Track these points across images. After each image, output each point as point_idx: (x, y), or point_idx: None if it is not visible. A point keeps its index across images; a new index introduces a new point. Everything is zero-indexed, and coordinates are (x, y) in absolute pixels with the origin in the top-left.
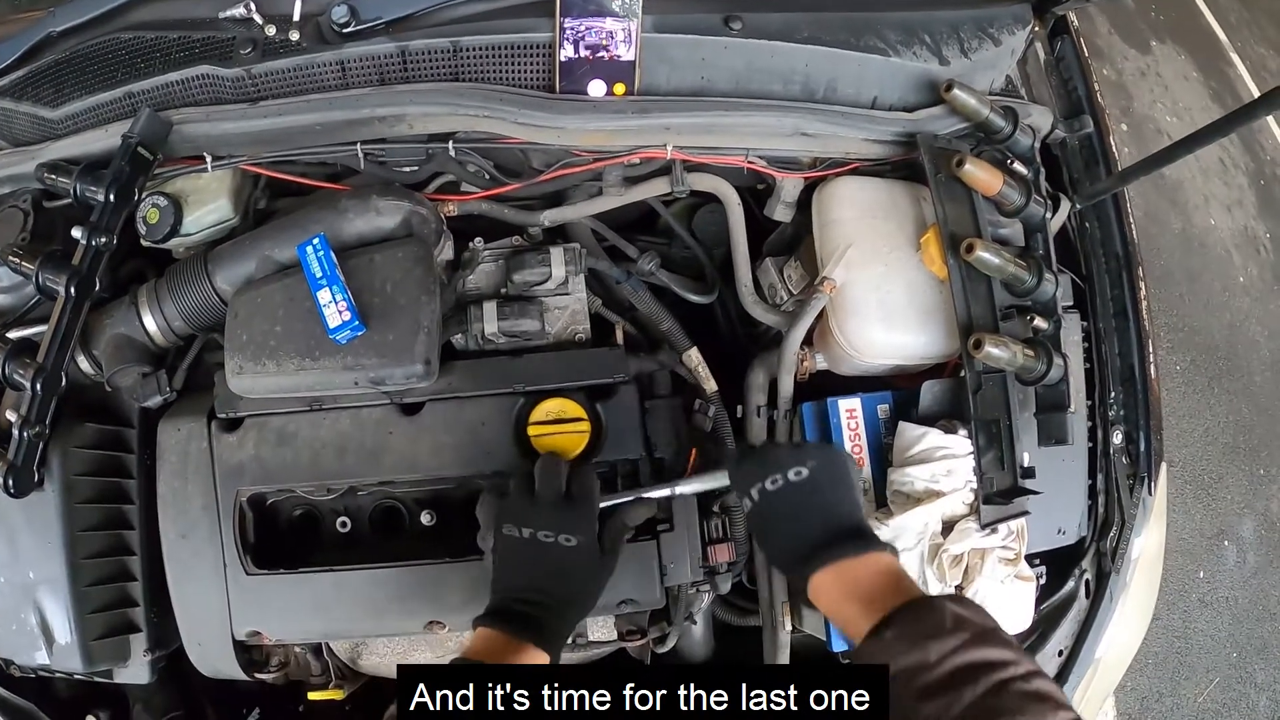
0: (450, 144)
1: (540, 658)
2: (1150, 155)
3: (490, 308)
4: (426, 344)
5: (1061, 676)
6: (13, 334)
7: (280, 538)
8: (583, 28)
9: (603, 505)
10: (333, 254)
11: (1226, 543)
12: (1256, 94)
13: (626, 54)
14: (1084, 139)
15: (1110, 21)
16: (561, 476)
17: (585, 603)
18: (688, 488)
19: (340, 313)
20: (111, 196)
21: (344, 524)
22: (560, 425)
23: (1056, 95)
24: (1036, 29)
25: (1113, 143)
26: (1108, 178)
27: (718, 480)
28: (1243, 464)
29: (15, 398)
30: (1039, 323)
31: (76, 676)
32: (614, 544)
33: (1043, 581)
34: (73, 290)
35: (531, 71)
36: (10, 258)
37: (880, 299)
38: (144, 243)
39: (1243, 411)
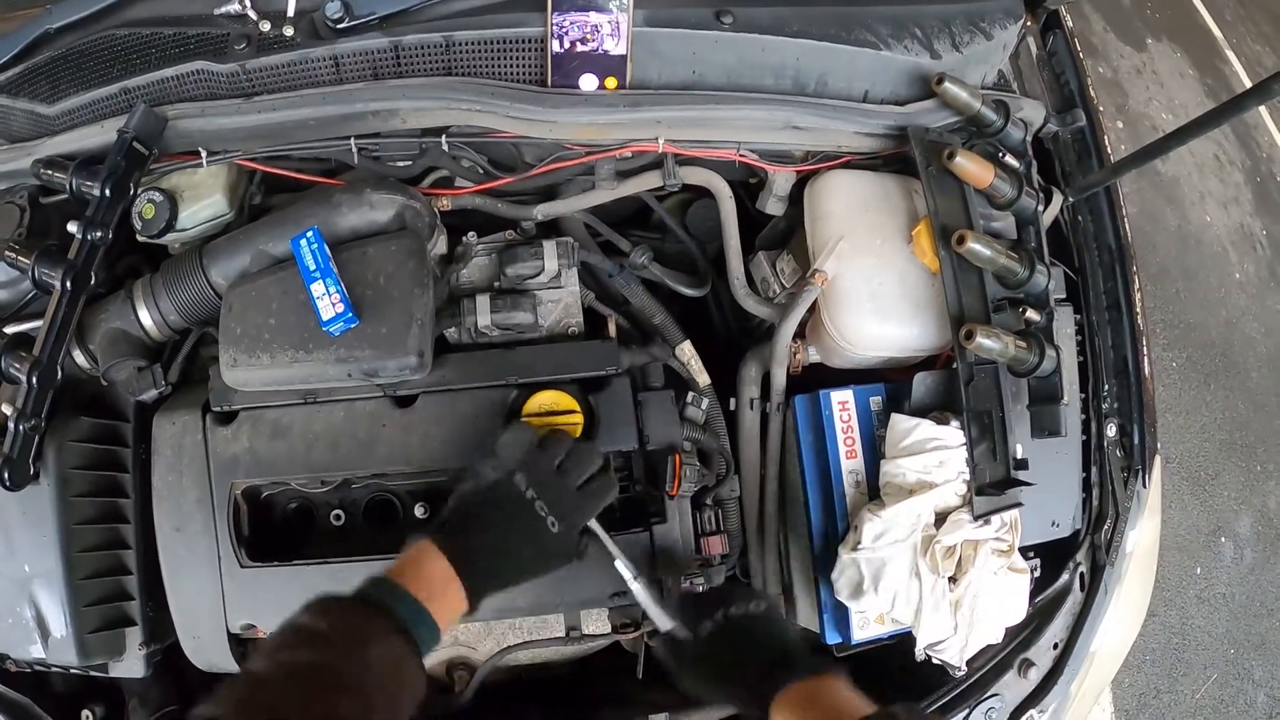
0: (443, 138)
1: (461, 605)
2: (1142, 148)
3: (483, 300)
4: (420, 336)
5: (1057, 669)
6: (9, 329)
7: (274, 530)
8: (574, 22)
9: (589, 523)
10: (326, 247)
11: (1223, 539)
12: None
13: (617, 48)
14: (1076, 133)
15: (1106, 19)
16: (588, 472)
17: (520, 579)
18: (641, 596)
19: (333, 305)
20: (107, 191)
21: (338, 516)
22: (553, 417)
23: (1049, 89)
24: (1029, 23)
25: (1106, 138)
26: (1100, 170)
27: (665, 621)
28: (1239, 460)
29: (11, 391)
30: (1031, 315)
31: (72, 670)
32: (576, 552)
33: (1037, 574)
34: (68, 284)
35: (523, 66)
36: (7, 253)
37: (872, 291)
38: (139, 238)
39: (1239, 408)
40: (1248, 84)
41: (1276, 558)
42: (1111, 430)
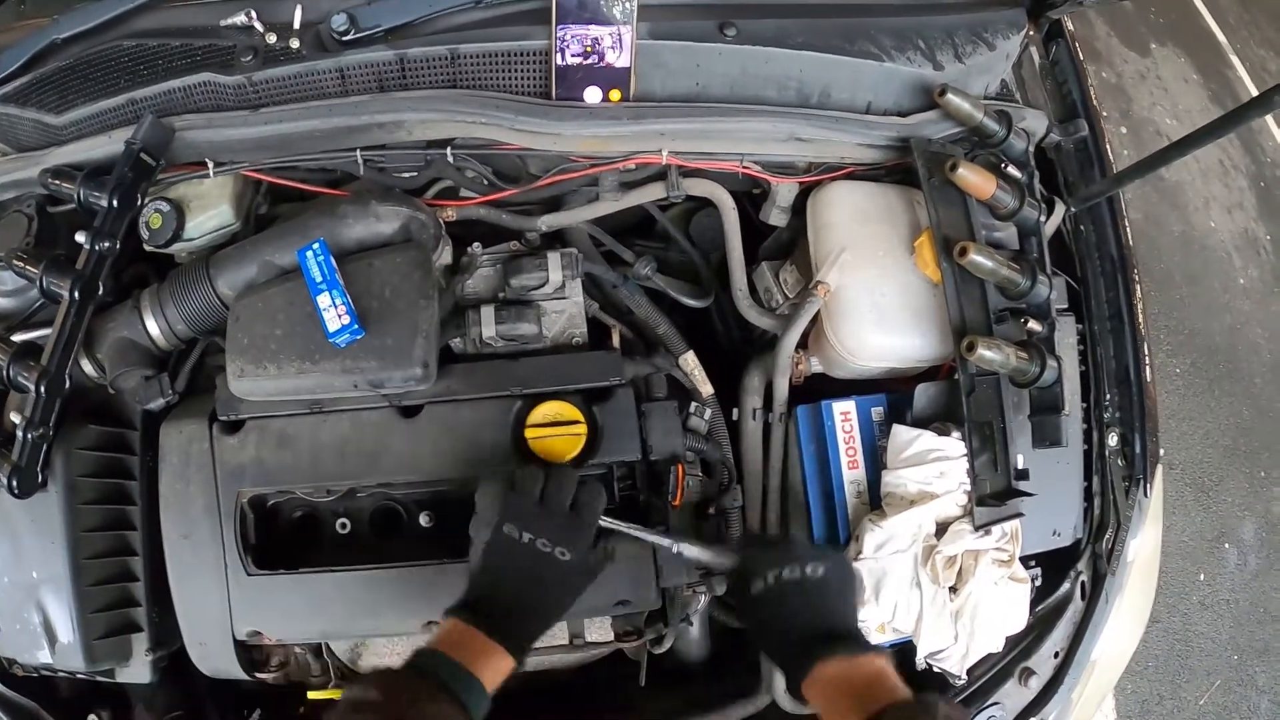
0: (448, 150)
1: (507, 663)
2: (1145, 158)
3: (488, 311)
4: (425, 347)
5: (1058, 678)
6: (17, 337)
7: (280, 539)
8: (576, 35)
9: (603, 523)
10: (332, 259)
11: (1227, 545)
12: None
13: (620, 60)
14: (1079, 142)
15: (1109, 24)
16: (571, 490)
17: (558, 615)
18: (691, 552)
19: (339, 316)
20: (114, 202)
21: (343, 525)
22: (557, 428)
23: (1052, 99)
24: (1031, 33)
25: (1110, 146)
26: (1102, 180)
27: (723, 560)
28: (1243, 466)
29: (19, 400)
30: (1033, 325)
31: (78, 676)
32: (599, 564)
33: (1038, 583)
34: (76, 294)
35: (528, 78)
36: (15, 262)
37: (874, 302)
38: (146, 247)
39: (1243, 414)
40: (1252, 88)
41: None
42: (1113, 440)
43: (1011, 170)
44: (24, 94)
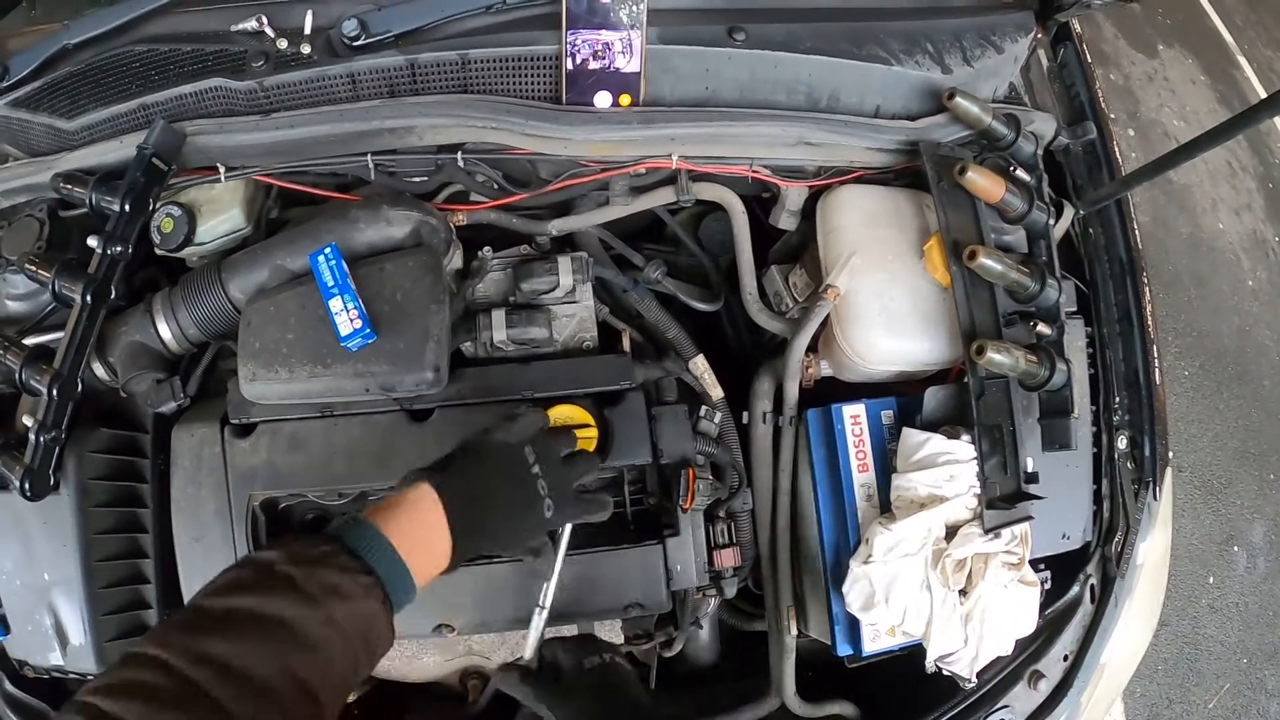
0: (459, 154)
1: (445, 557)
2: (1152, 161)
3: (499, 315)
4: (436, 351)
5: (1067, 681)
6: (29, 340)
7: None
8: (586, 40)
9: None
10: (344, 263)
11: (1236, 548)
12: (1264, 96)
13: (631, 65)
14: (1087, 145)
15: (1117, 26)
16: (588, 476)
17: (494, 551)
18: (536, 625)
19: (351, 321)
20: (127, 206)
21: None
22: None
23: (1060, 101)
24: (1039, 36)
25: (1118, 147)
26: (1111, 183)
27: (529, 654)
28: (1252, 469)
29: (32, 403)
30: (1042, 328)
31: (89, 677)
32: (539, 548)
33: (1048, 586)
34: (88, 298)
35: (538, 83)
36: (27, 266)
37: (884, 306)
38: (158, 251)
39: (1252, 416)
40: (1259, 88)
41: None
42: (1122, 443)
43: (1020, 173)
44: (35, 99)
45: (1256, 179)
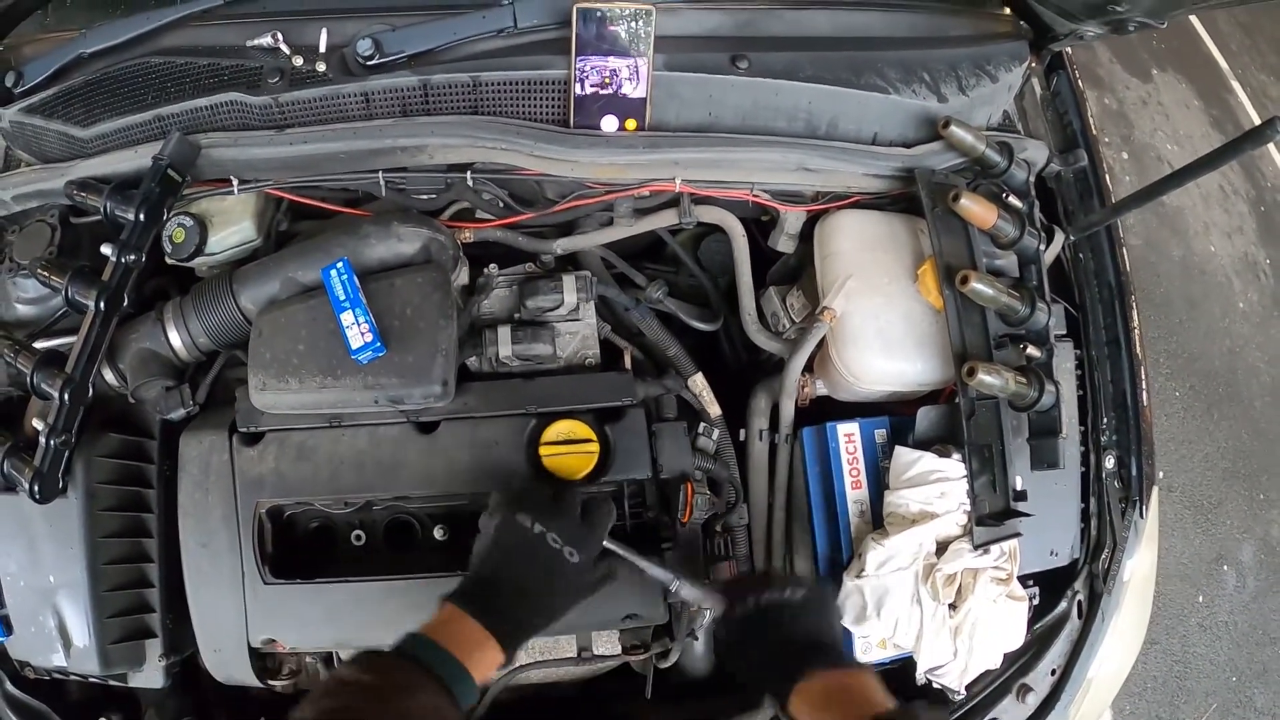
0: (469, 174)
1: (498, 656)
2: (1142, 189)
3: (505, 332)
4: (444, 366)
5: (1054, 695)
6: (40, 344)
7: (296, 549)
8: (595, 66)
9: (610, 546)
10: (355, 277)
11: (1226, 567)
12: (1257, 120)
13: (637, 91)
14: (1079, 172)
15: (1112, 50)
16: (578, 501)
17: (556, 616)
18: (687, 591)
19: (362, 334)
20: (141, 216)
21: (359, 537)
22: (571, 446)
23: (1052, 129)
24: (1033, 65)
25: (1111, 171)
26: (1101, 210)
27: (713, 600)
28: (1242, 489)
29: (42, 406)
30: (1032, 351)
31: (92, 679)
32: (602, 579)
33: (1036, 602)
34: (102, 305)
35: (547, 106)
36: (40, 271)
37: (879, 328)
38: (169, 260)
39: (1242, 437)
40: (1253, 113)
41: (1278, 586)
42: (1110, 462)
43: (1013, 200)
44: (50, 106)
45: (1248, 202)
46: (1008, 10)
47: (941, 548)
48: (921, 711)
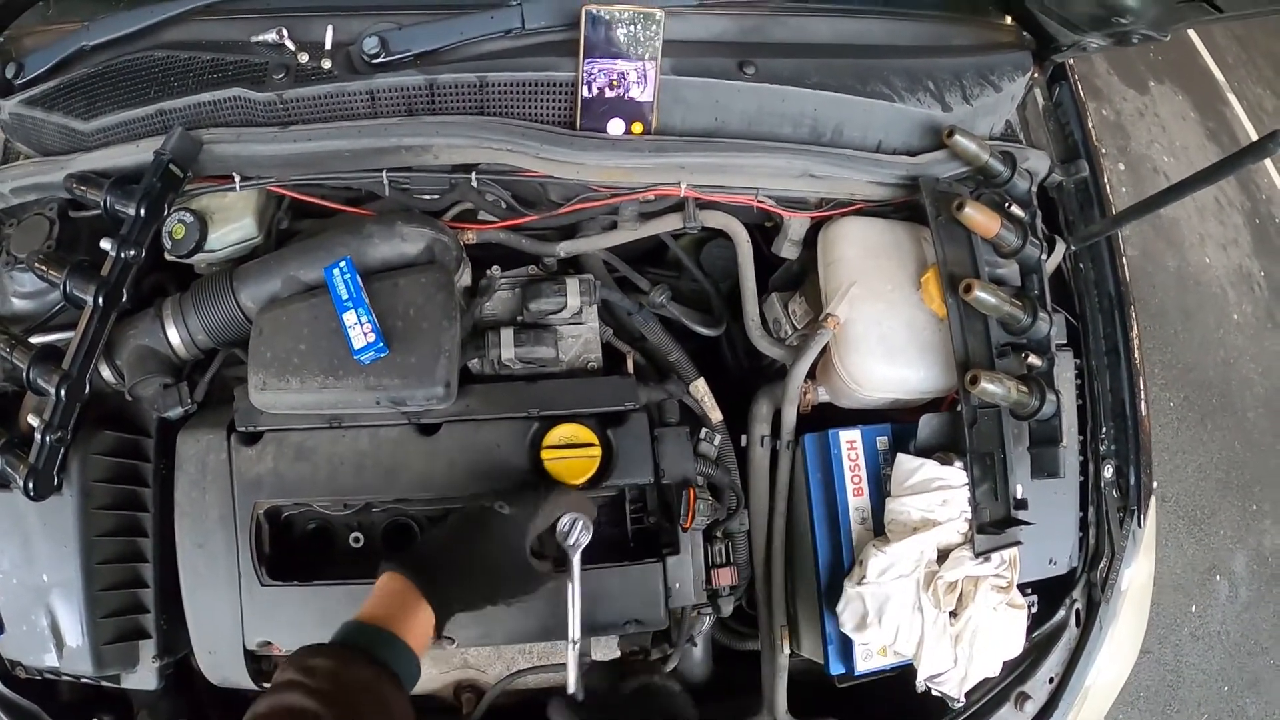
0: (473, 175)
1: (429, 621)
2: (1143, 200)
3: (508, 334)
4: (447, 367)
5: (1052, 703)
6: (36, 339)
7: (293, 550)
8: (603, 69)
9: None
10: (359, 277)
11: (1218, 577)
12: (1253, 133)
13: (645, 95)
14: (1080, 182)
15: (1109, 62)
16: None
17: (479, 583)
18: (573, 657)
19: (365, 334)
20: (142, 211)
21: (356, 539)
22: (573, 450)
23: (1054, 139)
24: (1036, 75)
25: (1108, 183)
26: (1102, 220)
27: (571, 686)
28: (1235, 500)
29: (36, 402)
30: (1033, 360)
31: (83, 680)
32: (530, 518)
33: (1034, 610)
34: (100, 301)
35: (553, 108)
36: (37, 265)
37: (882, 335)
38: (168, 257)
39: (1235, 448)
40: (1248, 126)
41: (1271, 596)
42: (1108, 471)
43: (1015, 209)
44: (51, 98)
45: (1244, 215)
46: (1010, 20)
47: (942, 555)
48: None
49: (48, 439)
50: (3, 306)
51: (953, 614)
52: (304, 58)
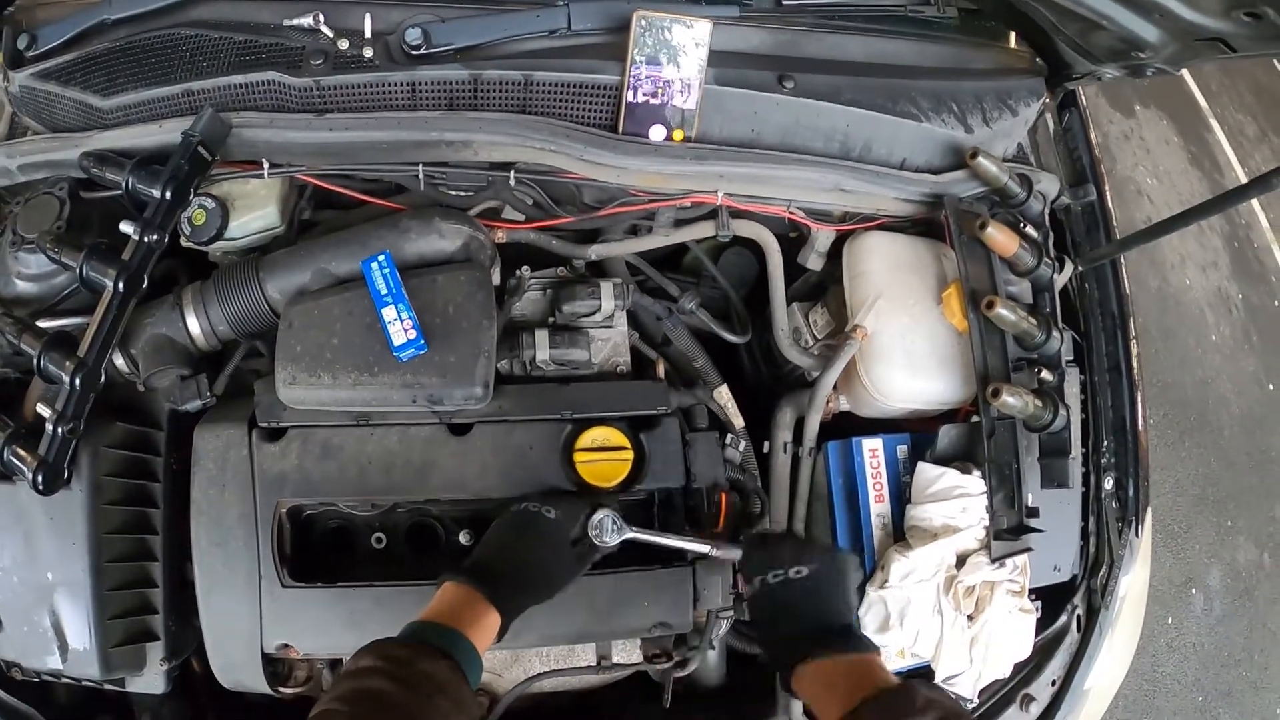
0: (511, 173)
1: (495, 623)
2: (1151, 225)
3: (543, 335)
4: (486, 367)
5: (1054, 704)
6: (45, 324)
7: (314, 551)
8: (649, 75)
9: (636, 536)
10: (398, 272)
11: (1194, 590)
12: (1234, 158)
13: (687, 103)
14: (1087, 205)
15: (1097, 86)
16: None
17: (549, 577)
18: (722, 553)
19: (405, 331)
20: (168, 194)
21: (379, 539)
22: (605, 453)
23: (1063, 163)
24: (1047, 101)
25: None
26: (1109, 243)
27: (734, 555)
28: (1211, 515)
29: (44, 390)
30: (1045, 375)
31: (84, 683)
32: (587, 551)
33: (1038, 615)
34: (121, 286)
35: (596, 111)
36: (49, 246)
37: (905, 347)
38: (185, 243)
39: (1211, 465)
40: (1229, 152)
41: (1244, 610)
42: (1109, 483)
43: (1029, 230)
44: (67, 73)
45: (1223, 238)
46: (1026, 46)
47: (960, 561)
48: (920, 689)
49: (59, 430)
50: (5, 288)
51: (971, 617)
52: (344, 44)
